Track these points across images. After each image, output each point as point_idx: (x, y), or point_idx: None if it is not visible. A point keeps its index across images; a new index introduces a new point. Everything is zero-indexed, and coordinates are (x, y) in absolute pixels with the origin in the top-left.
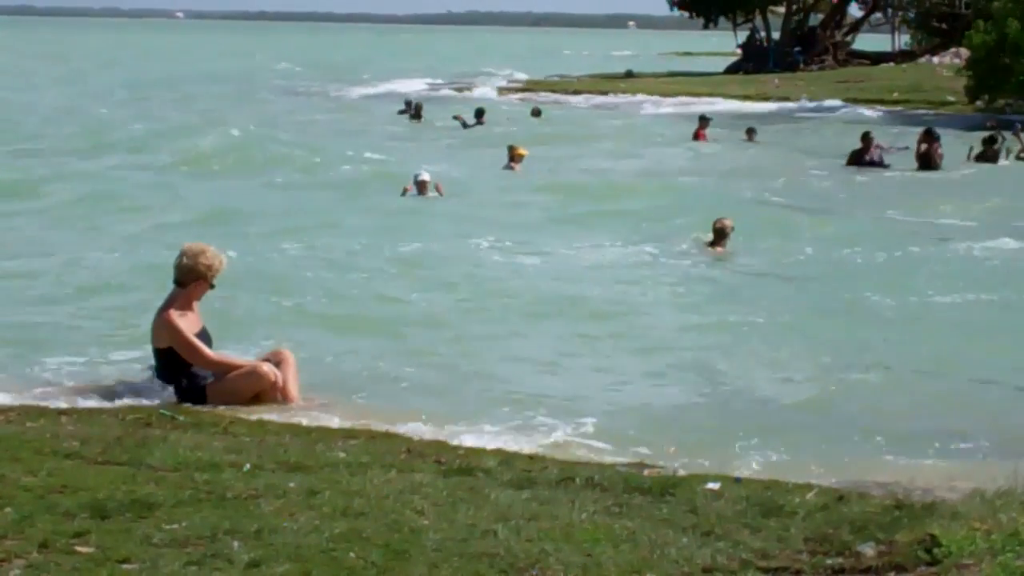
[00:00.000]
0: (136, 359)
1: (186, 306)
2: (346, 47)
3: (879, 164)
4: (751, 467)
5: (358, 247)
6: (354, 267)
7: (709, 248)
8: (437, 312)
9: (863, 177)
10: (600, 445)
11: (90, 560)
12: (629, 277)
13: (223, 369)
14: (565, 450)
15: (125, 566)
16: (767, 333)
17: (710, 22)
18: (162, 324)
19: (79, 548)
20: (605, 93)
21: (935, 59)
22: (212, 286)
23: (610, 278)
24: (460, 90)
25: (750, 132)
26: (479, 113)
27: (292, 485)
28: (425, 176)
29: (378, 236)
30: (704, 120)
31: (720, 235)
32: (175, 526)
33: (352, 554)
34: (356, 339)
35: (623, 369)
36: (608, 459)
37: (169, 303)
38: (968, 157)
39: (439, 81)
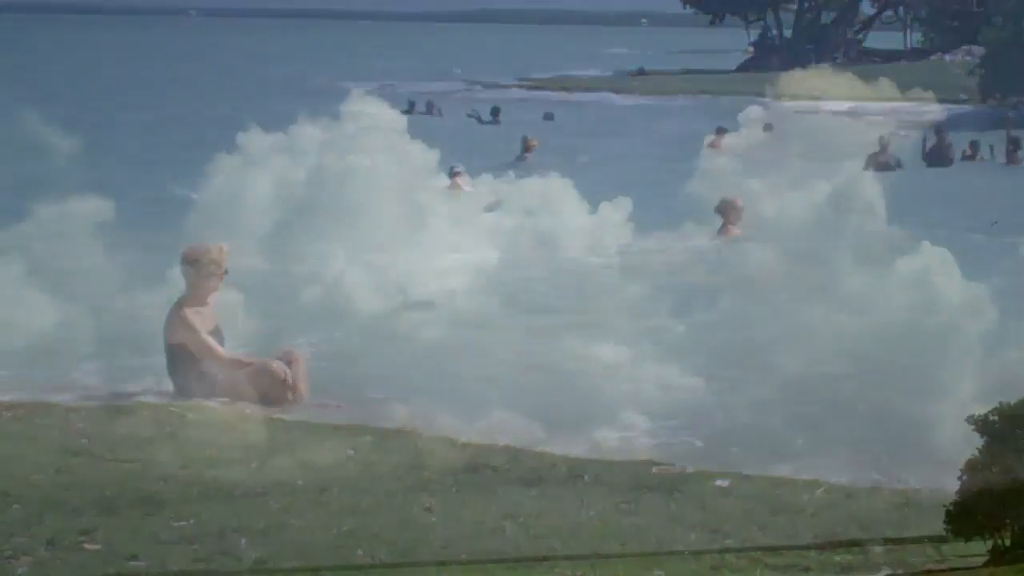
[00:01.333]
0: (146, 355)
1: (200, 303)
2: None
3: (894, 166)
4: (760, 465)
5: (374, 243)
6: (363, 264)
7: (721, 228)
8: (446, 309)
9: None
10: (609, 442)
11: (97, 557)
12: (638, 269)
13: (234, 367)
14: (574, 447)
15: (133, 563)
16: (775, 329)
17: (716, 19)
18: (176, 320)
19: (87, 545)
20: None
21: (947, 56)
22: (225, 272)
23: (617, 271)
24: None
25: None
26: (495, 112)
27: (300, 483)
28: (459, 167)
29: (394, 231)
30: (721, 130)
31: (729, 212)
32: (183, 523)
33: (360, 551)
34: (364, 337)
35: (631, 366)
36: (617, 456)
37: (184, 300)
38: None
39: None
